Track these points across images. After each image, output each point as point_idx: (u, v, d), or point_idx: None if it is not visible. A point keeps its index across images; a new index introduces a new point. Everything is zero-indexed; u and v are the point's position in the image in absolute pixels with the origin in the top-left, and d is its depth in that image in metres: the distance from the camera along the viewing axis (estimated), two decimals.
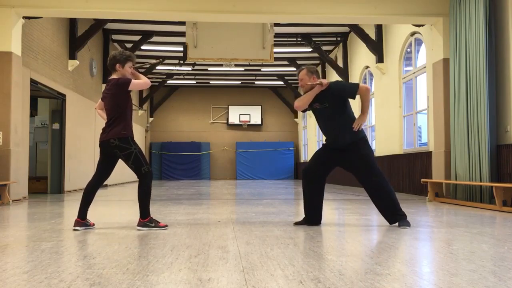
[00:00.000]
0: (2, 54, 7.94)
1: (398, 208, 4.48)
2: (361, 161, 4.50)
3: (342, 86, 4.73)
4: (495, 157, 6.91)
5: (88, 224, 4.47)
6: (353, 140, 4.51)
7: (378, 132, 12.13)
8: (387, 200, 4.47)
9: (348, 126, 4.52)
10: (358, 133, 4.54)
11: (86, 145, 12.56)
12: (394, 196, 4.49)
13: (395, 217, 4.49)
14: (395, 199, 4.49)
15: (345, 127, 4.52)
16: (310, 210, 4.63)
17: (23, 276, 2.51)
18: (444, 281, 2.40)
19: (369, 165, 4.49)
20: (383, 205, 4.50)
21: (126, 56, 4.50)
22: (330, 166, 4.67)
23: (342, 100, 4.57)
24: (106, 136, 4.38)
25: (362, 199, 8.45)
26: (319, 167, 4.62)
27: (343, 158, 4.58)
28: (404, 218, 4.49)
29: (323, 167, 4.62)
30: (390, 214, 4.50)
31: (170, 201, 8.24)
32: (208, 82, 21.75)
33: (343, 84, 4.96)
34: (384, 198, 4.47)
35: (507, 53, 6.87)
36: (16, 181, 8.06)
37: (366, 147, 4.56)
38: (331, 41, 15.21)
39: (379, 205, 4.52)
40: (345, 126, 4.53)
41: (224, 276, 2.51)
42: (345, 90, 4.59)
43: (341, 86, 4.71)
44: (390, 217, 4.50)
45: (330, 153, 4.63)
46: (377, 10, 8.35)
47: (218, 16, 8.65)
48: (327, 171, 4.64)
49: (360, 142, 4.54)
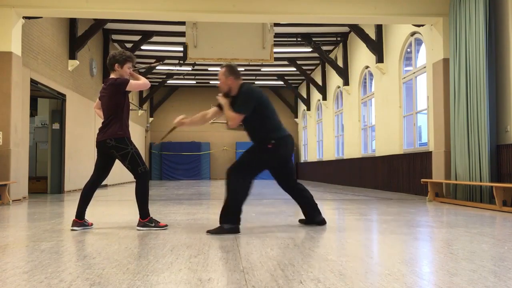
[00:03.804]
0: (2, 54, 7.94)
1: (224, 213, 4.14)
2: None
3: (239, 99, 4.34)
4: (495, 157, 6.91)
5: (86, 224, 4.47)
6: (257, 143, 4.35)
7: (378, 132, 12.13)
8: (224, 202, 4.19)
9: (257, 131, 4.32)
10: (266, 139, 4.26)
11: (86, 145, 12.56)
12: (231, 201, 4.12)
13: (221, 218, 4.17)
14: (230, 205, 4.12)
15: (253, 132, 4.36)
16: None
17: (23, 276, 2.51)
18: (444, 281, 2.40)
19: (237, 161, 4.27)
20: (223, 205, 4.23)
21: (126, 57, 4.49)
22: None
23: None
24: (102, 137, 4.38)
25: (362, 199, 8.45)
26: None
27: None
28: (224, 226, 4.11)
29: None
30: (223, 215, 4.18)
31: (170, 201, 8.24)
32: (208, 82, 21.75)
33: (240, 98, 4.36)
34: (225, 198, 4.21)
35: (507, 53, 6.86)
36: (16, 181, 8.05)
37: (255, 150, 4.30)
38: (331, 41, 15.21)
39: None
40: (253, 131, 4.36)
41: (224, 276, 2.51)
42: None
43: (239, 98, 4.32)
44: (220, 218, 4.20)
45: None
46: (377, 10, 8.35)
47: (218, 16, 8.65)
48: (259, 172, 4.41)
49: (257, 145, 4.33)
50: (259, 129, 4.33)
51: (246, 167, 4.26)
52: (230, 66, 4.40)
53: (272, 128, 4.33)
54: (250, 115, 4.28)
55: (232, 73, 4.34)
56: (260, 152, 4.32)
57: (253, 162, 4.30)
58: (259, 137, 4.35)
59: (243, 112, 4.24)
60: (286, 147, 4.37)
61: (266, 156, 4.31)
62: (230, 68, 4.37)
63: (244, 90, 4.32)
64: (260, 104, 4.31)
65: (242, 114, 4.24)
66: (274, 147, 4.27)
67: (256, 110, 4.28)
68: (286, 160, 4.50)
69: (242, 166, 4.26)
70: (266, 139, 4.28)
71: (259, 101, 4.30)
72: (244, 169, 4.24)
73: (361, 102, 13.98)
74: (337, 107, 16.84)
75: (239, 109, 4.24)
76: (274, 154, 4.32)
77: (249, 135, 4.46)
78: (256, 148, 4.35)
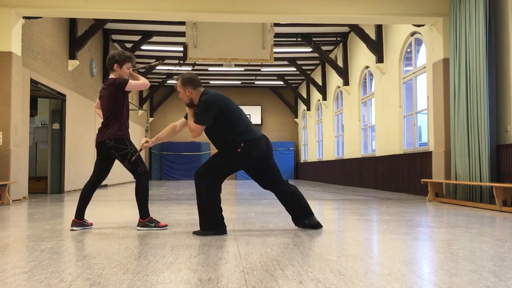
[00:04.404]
0: (2, 54, 7.94)
1: (204, 220, 4.09)
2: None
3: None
4: (495, 157, 6.91)
5: (85, 224, 4.47)
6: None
7: (378, 132, 12.13)
8: (198, 211, 4.13)
9: (221, 139, 4.19)
10: (232, 142, 4.12)
11: (86, 145, 12.57)
12: (207, 206, 4.06)
13: (202, 225, 4.13)
14: (207, 211, 4.07)
15: (218, 141, 4.24)
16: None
17: (23, 276, 2.51)
18: (444, 281, 2.40)
19: (206, 164, 4.19)
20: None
21: (125, 57, 4.48)
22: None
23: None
24: (102, 137, 4.38)
25: (362, 199, 8.45)
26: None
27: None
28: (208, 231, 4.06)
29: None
30: (200, 220, 4.14)
31: (170, 201, 8.24)
32: (208, 82, 21.75)
33: (199, 108, 4.20)
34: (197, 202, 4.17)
35: (507, 53, 6.86)
36: (16, 181, 8.05)
37: (224, 153, 4.19)
38: (331, 41, 15.21)
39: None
40: (217, 140, 4.24)
41: (224, 276, 2.51)
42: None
43: (198, 108, 4.20)
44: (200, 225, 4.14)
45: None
46: (377, 10, 8.35)
47: (218, 16, 8.65)
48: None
49: (226, 148, 4.18)
50: (225, 137, 4.14)
51: (215, 170, 4.13)
52: (184, 77, 4.20)
53: (240, 133, 4.11)
54: (212, 124, 4.11)
55: (189, 83, 4.16)
56: (229, 155, 4.14)
57: (222, 165, 4.15)
58: (226, 143, 4.15)
59: (203, 123, 4.06)
60: (258, 149, 4.16)
61: (236, 159, 4.14)
62: (184, 79, 4.18)
63: (202, 99, 4.12)
64: (222, 111, 4.09)
65: (202, 124, 4.07)
66: (244, 151, 4.09)
67: (217, 119, 4.08)
68: (264, 161, 4.28)
69: (212, 168, 4.14)
70: (235, 143, 4.09)
71: (220, 108, 4.08)
72: (213, 172, 4.12)
73: (361, 102, 13.98)
74: (337, 107, 16.84)
75: (198, 119, 4.07)
76: (245, 157, 4.13)
77: (214, 144, 4.28)
78: (225, 151, 4.16)
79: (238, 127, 4.12)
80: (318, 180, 18.70)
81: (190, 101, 4.20)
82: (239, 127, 4.13)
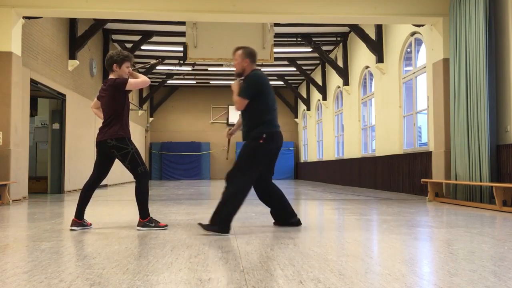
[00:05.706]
0: (2, 54, 7.94)
1: (219, 214, 4.10)
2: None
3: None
4: (495, 157, 6.91)
5: (85, 224, 4.47)
6: (248, 138, 4.31)
7: (378, 132, 12.13)
8: (218, 204, 4.17)
9: (248, 120, 4.32)
10: (255, 133, 4.25)
11: (86, 145, 12.57)
12: (223, 204, 4.10)
13: (211, 218, 4.15)
14: (222, 209, 4.09)
15: (246, 120, 4.35)
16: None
17: (23, 276, 2.51)
18: (444, 281, 2.40)
19: (235, 165, 4.23)
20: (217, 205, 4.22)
21: (123, 56, 4.48)
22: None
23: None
24: (103, 137, 4.38)
25: (362, 199, 8.45)
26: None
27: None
28: (213, 226, 4.09)
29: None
30: (213, 214, 4.16)
31: (170, 201, 8.24)
32: (208, 82, 21.75)
33: (245, 83, 4.42)
34: (219, 200, 4.20)
35: (507, 53, 6.87)
36: (16, 181, 8.06)
37: (248, 147, 4.26)
38: (331, 41, 15.21)
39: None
40: (246, 119, 4.36)
41: (224, 276, 2.51)
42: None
43: (244, 83, 4.38)
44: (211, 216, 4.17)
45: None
46: (377, 10, 8.35)
47: (218, 16, 8.65)
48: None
49: (249, 143, 4.28)
50: (250, 118, 4.31)
51: (245, 169, 4.22)
52: (247, 49, 4.45)
53: (264, 121, 4.26)
54: (248, 105, 4.28)
55: (249, 56, 4.40)
56: (253, 150, 4.24)
57: (252, 163, 4.23)
58: (249, 127, 4.30)
59: (244, 96, 4.26)
60: (277, 142, 4.34)
61: (260, 152, 4.24)
62: (247, 51, 4.43)
63: (250, 75, 4.37)
64: (261, 93, 4.29)
65: (243, 98, 4.26)
66: (265, 142, 4.23)
67: (254, 99, 4.27)
68: (271, 159, 4.42)
69: (242, 169, 4.21)
70: (258, 134, 4.22)
71: (261, 90, 4.30)
72: (244, 171, 4.20)
73: (361, 102, 13.98)
74: (337, 107, 16.84)
75: (241, 93, 4.29)
76: (266, 149, 4.26)
77: (242, 123, 4.43)
78: (249, 148, 4.26)
79: (266, 115, 4.30)
80: (318, 180, 18.70)
81: (241, 71, 4.43)
82: (267, 116, 4.30)
